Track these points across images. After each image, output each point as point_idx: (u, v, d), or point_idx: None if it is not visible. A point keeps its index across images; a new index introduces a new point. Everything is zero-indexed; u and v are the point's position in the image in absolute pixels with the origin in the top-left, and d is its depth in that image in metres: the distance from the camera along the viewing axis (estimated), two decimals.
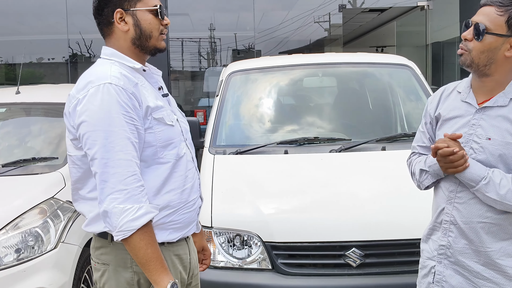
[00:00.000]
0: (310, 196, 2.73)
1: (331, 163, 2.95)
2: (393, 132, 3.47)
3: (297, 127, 3.44)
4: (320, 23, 11.59)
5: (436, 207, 1.82)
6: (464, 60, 1.66)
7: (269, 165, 3.00)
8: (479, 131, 1.67)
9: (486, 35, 1.60)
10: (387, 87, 3.68)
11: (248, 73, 3.62)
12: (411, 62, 3.72)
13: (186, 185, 1.71)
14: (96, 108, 1.51)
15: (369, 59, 3.67)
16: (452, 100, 1.79)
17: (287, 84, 3.65)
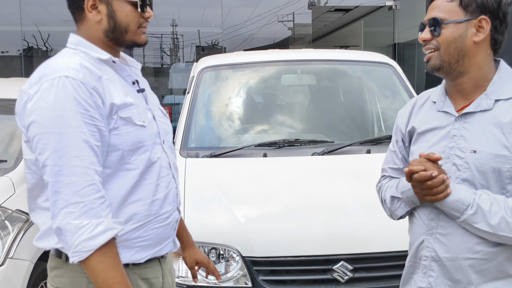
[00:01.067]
0: (294, 205, 2.48)
1: (315, 168, 2.72)
2: (376, 133, 3.29)
3: (276, 128, 3.19)
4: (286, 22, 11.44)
5: (413, 240, 1.52)
6: (434, 63, 1.42)
7: (247, 169, 2.74)
8: (462, 143, 1.39)
9: (444, 27, 1.39)
10: (369, 86, 3.50)
11: (222, 69, 3.34)
12: (392, 61, 3.56)
13: (157, 194, 1.46)
14: (48, 105, 1.29)
15: (349, 56, 3.48)
16: (426, 111, 1.52)
17: (264, 81, 3.40)
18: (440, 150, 1.43)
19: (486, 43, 1.40)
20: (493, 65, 1.45)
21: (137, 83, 1.53)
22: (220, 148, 2.89)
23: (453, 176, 1.40)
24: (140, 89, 1.53)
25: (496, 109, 1.38)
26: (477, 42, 1.38)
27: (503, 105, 1.38)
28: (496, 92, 1.40)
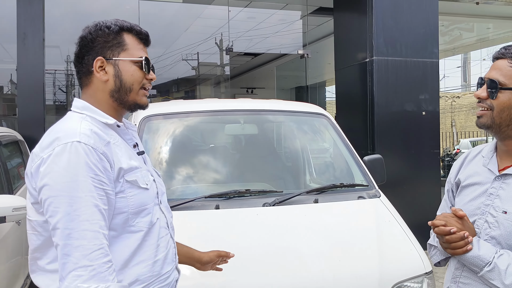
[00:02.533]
0: (251, 257, 2.47)
1: (267, 219, 2.74)
2: (316, 182, 3.42)
3: (225, 178, 3.17)
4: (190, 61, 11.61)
5: (444, 285, 1.64)
6: (484, 121, 1.47)
7: (200, 222, 2.68)
8: (497, 203, 1.47)
9: (500, 91, 1.43)
10: (307, 136, 3.64)
11: (166, 118, 3.27)
12: (325, 111, 3.75)
13: (158, 255, 1.50)
14: (61, 170, 1.32)
15: (288, 107, 3.59)
16: (474, 165, 1.60)
17: (208, 131, 3.39)
18: (477, 206, 1.52)
19: None
20: None
21: (137, 145, 1.58)
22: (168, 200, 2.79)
23: (483, 232, 1.48)
24: (140, 152, 1.59)
25: None
26: None
27: None
28: None
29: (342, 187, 3.09)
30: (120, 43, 1.49)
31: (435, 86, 7.86)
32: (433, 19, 8.09)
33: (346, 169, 3.39)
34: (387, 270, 2.46)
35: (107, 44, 1.48)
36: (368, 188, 3.15)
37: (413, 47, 7.85)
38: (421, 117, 7.63)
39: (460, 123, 22.50)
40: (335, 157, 3.51)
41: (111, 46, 1.48)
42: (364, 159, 3.39)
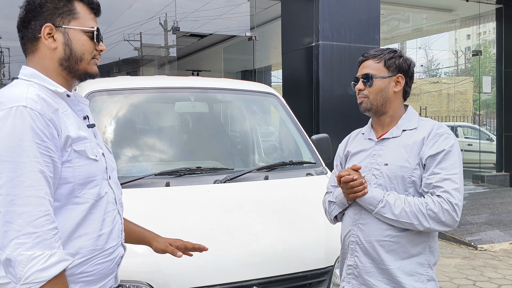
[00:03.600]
0: (203, 233, 2.47)
1: (218, 195, 2.75)
2: (266, 160, 3.46)
3: (175, 156, 3.13)
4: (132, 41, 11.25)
5: (343, 232, 2.03)
6: (365, 106, 1.97)
7: (150, 200, 2.64)
8: (379, 160, 1.94)
9: (374, 80, 1.95)
10: (257, 114, 3.66)
11: (112, 94, 3.17)
12: (275, 91, 3.79)
13: (103, 229, 1.47)
14: (5, 134, 1.28)
15: (238, 86, 3.59)
16: (358, 140, 2.10)
17: (158, 108, 3.32)
18: (365, 165, 1.97)
19: (400, 93, 2.01)
20: (403, 108, 2.05)
21: (87, 118, 1.54)
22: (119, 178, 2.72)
23: (372, 183, 1.92)
24: (90, 124, 1.55)
25: (403, 136, 1.95)
26: (396, 92, 1.98)
27: (407, 133, 1.95)
28: (404, 125, 1.98)
29: (291, 165, 3.15)
30: (71, 11, 1.45)
31: None
32: (375, 6, 8.33)
33: (295, 148, 3.46)
34: (333, 242, 2.55)
35: (57, 11, 1.43)
36: (316, 165, 3.24)
37: (357, 33, 8.06)
38: None
39: None
40: (284, 136, 3.57)
41: (61, 13, 1.43)
42: (312, 138, 3.47)
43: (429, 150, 1.86)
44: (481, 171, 11.12)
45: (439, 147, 1.85)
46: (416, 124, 1.96)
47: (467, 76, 21.69)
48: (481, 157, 11.57)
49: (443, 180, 1.80)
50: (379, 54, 1.98)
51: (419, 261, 1.88)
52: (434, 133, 1.89)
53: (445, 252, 6.19)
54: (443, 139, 1.87)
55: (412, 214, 1.79)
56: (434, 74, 29.63)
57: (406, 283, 1.85)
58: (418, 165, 1.87)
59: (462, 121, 15.79)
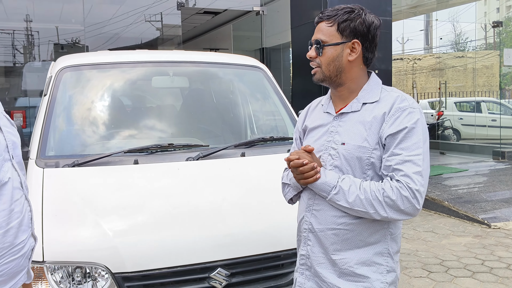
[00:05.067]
0: (168, 214, 2.35)
1: (189, 173, 2.61)
2: (249, 136, 3.30)
3: (148, 133, 3.00)
4: (154, 22, 11.09)
5: (298, 217, 1.82)
6: (318, 77, 1.72)
7: (115, 178, 2.52)
8: (336, 138, 1.70)
9: (325, 48, 1.68)
10: (240, 89, 3.49)
11: (85, 69, 3.04)
12: (262, 64, 3.60)
13: (11, 223, 1.27)
14: None
15: (221, 59, 3.41)
16: (317, 113, 1.84)
17: (133, 83, 3.17)
18: (321, 143, 1.74)
19: (359, 60, 1.71)
20: (366, 76, 1.76)
21: None
22: (84, 155, 2.62)
23: (328, 163, 1.70)
24: None
25: (363, 110, 1.69)
26: (351, 61, 1.69)
27: (368, 107, 1.69)
28: (364, 97, 1.71)
29: (272, 141, 2.98)
30: None
31: (388, 45, 7.79)
32: None
33: (280, 123, 3.28)
34: None
35: None
36: None
37: (366, 4, 7.67)
38: None
39: (421, 85, 22.83)
40: (268, 110, 3.39)
41: None
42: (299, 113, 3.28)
43: (389, 128, 1.61)
44: (502, 147, 10.69)
45: (400, 124, 1.60)
46: (378, 96, 1.69)
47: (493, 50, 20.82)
48: (502, 132, 11.11)
49: (404, 163, 1.56)
50: (333, 15, 1.67)
51: (377, 250, 1.68)
52: (396, 107, 1.63)
53: (456, 230, 5.95)
54: (405, 115, 1.61)
55: (367, 202, 1.57)
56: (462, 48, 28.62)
57: (362, 273, 1.65)
58: (377, 145, 1.63)
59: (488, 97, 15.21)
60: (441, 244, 5.45)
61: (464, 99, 16.34)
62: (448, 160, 10.67)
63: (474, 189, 7.48)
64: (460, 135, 13.71)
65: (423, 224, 6.28)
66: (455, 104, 14.49)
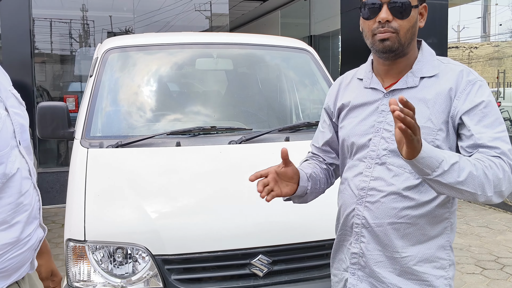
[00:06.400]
0: (210, 197, 2.30)
1: (231, 157, 2.55)
2: (294, 120, 3.19)
3: (191, 115, 2.95)
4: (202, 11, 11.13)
5: (343, 210, 1.62)
6: (391, 44, 1.45)
7: (158, 160, 2.50)
8: (390, 118, 1.48)
9: (412, 9, 1.45)
10: (286, 72, 3.38)
11: (130, 51, 3.03)
12: (309, 47, 3.47)
13: (17, 216, 1.16)
14: None
15: (267, 41, 3.32)
16: (354, 89, 1.62)
17: (177, 65, 3.14)
18: (370, 124, 1.52)
19: None
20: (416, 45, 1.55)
21: None
22: (127, 137, 2.61)
23: (380, 148, 1.49)
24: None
25: (421, 86, 1.48)
26: (421, 27, 1.50)
27: (427, 82, 1.48)
28: (421, 70, 1.50)
29: None
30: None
31: (444, 30, 7.43)
32: None
33: None
34: None
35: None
36: None
37: None
38: None
39: None
40: (315, 95, 3.26)
41: None
42: None
43: (463, 105, 1.42)
44: None
45: (475, 99, 1.42)
46: (437, 69, 1.49)
47: None
48: None
49: (494, 140, 1.37)
50: None
51: (440, 243, 1.51)
52: (466, 81, 1.44)
53: None
54: (477, 88, 1.43)
55: (479, 181, 1.30)
56: None
57: (425, 271, 1.48)
58: (443, 125, 1.44)
59: None
60: (496, 240, 5.15)
61: None
62: None
63: None
64: None
65: (477, 219, 5.97)
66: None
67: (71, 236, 2.12)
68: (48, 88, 8.71)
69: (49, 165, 7.45)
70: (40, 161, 6.82)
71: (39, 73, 8.85)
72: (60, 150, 8.01)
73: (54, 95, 8.63)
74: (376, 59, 1.56)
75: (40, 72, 9.04)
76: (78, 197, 2.24)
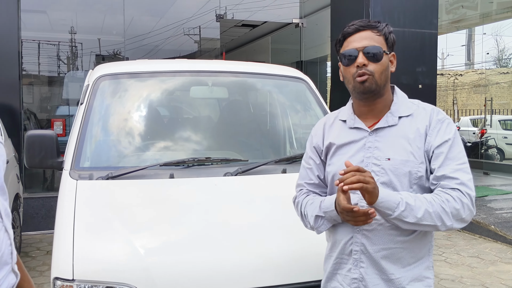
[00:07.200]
0: (204, 233, 2.19)
1: (227, 190, 2.46)
2: (289, 151, 3.12)
3: (185, 145, 2.87)
4: (193, 34, 11.15)
5: (340, 239, 1.73)
6: (369, 86, 1.64)
7: (150, 193, 2.39)
8: (377, 153, 1.66)
9: (384, 55, 1.65)
10: (282, 101, 3.33)
11: (122, 78, 2.95)
12: (305, 76, 3.43)
13: None
14: None
15: (263, 69, 3.27)
16: (338, 129, 1.77)
17: (171, 93, 3.07)
18: (359, 159, 1.67)
19: None
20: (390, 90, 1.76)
21: None
22: (119, 168, 2.51)
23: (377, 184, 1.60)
24: None
25: (400, 124, 1.68)
26: (392, 72, 1.71)
27: (404, 120, 1.68)
28: (398, 110, 1.70)
29: None
30: None
31: (433, 58, 7.51)
32: None
33: None
34: None
35: None
36: None
37: (412, 17, 7.46)
38: (417, 90, 7.30)
39: (462, 101, 22.14)
40: (311, 125, 3.20)
41: None
42: None
43: (435, 140, 1.64)
44: None
45: (444, 135, 1.64)
46: (411, 109, 1.70)
47: None
48: None
49: (456, 171, 1.59)
50: (377, 26, 1.67)
51: (426, 264, 1.70)
52: (436, 119, 1.67)
53: (504, 257, 5.56)
54: (445, 126, 1.66)
55: (436, 215, 1.54)
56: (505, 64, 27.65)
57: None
58: (423, 158, 1.63)
59: None
60: (488, 271, 5.09)
61: (509, 117, 15.64)
62: (492, 181, 10.15)
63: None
64: (504, 155, 13.11)
65: (467, 249, 5.91)
66: (499, 122, 13.88)
67: (58, 275, 2.00)
68: (35, 111, 8.57)
69: (35, 190, 7.25)
70: (25, 185, 6.64)
71: (27, 96, 8.72)
72: (46, 175, 7.83)
73: (41, 118, 8.49)
74: (356, 102, 1.73)
75: (27, 95, 8.91)
76: (66, 232, 2.12)
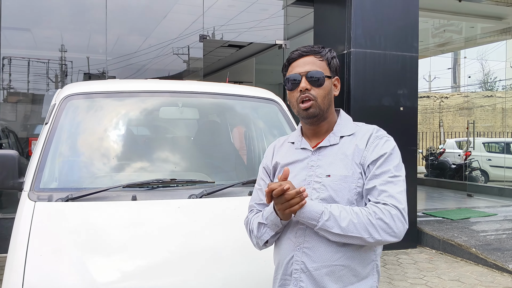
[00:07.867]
0: (162, 259, 2.13)
1: (191, 213, 2.40)
2: None
3: (150, 166, 2.81)
4: (179, 54, 11.17)
5: (282, 259, 1.73)
6: (314, 111, 1.70)
7: (110, 216, 2.32)
8: (319, 171, 1.70)
9: (326, 80, 1.71)
10: (253, 122, 3.30)
11: (90, 98, 2.90)
12: (277, 97, 3.41)
13: None
14: None
15: (234, 91, 3.24)
16: (286, 150, 1.83)
17: (139, 113, 3.01)
18: (302, 178, 1.71)
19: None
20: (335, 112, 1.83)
21: None
22: (79, 189, 2.44)
23: (313, 197, 1.66)
24: None
25: (341, 143, 1.74)
26: (335, 96, 1.79)
27: (346, 139, 1.74)
28: (340, 131, 1.76)
29: None
30: None
31: (414, 81, 7.58)
32: (413, 12, 7.80)
33: None
34: None
35: None
36: None
37: (393, 40, 7.56)
38: (398, 112, 7.36)
39: (448, 124, 22.35)
40: None
41: None
42: None
43: (371, 155, 1.68)
44: None
45: (380, 151, 1.68)
46: (353, 129, 1.76)
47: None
48: None
49: (387, 183, 1.62)
50: (320, 51, 1.74)
51: (369, 284, 1.68)
52: (374, 136, 1.72)
53: (484, 280, 5.52)
54: (383, 142, 1.70)
55: (361, 226, 1.55)
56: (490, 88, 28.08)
57: None
58: (361, 174, 1.68)
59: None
60: None
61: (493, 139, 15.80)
62: (475, 203, 10.17)
63: (503, 235, 7.01)
64: (488, 177, 13.18)
65: (448, 272, 5.87)
66: (483, 144, 14.02)
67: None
68: (16, 129, 8.45)
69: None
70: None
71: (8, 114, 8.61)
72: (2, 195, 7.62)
73: (21, 137, 8.36)
74: (303, 124, 1.81)
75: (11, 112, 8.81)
76: (19, 256, 2.04)
